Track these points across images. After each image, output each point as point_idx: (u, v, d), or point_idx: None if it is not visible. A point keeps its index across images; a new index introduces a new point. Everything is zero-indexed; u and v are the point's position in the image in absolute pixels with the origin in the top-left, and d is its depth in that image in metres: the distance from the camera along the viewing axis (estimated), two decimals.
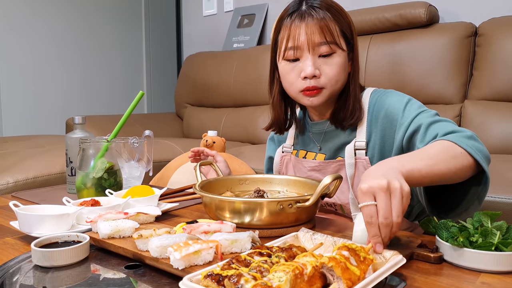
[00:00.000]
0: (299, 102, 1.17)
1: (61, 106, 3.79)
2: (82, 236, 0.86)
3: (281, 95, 1.22)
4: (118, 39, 4.19)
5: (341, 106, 1.16)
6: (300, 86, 1.12)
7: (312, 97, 1.12)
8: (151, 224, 1.00)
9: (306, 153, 1.27)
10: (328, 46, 1.08)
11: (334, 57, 1.10)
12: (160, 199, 1.25)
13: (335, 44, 1.09)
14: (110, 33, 4.13)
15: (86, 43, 3.96)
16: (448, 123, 0.99)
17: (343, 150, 1.17)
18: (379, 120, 1.12)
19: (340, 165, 1.17)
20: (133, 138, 1.42)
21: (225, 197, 0.97)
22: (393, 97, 1.13)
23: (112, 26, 4.14)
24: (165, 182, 1.85)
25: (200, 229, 0.84)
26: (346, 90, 1.15)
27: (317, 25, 1.07)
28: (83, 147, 1.24)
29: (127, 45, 4.28)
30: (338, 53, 1.10)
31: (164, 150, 2.42)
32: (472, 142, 0.89)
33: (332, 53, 1.09)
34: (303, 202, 0.91)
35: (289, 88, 1.15)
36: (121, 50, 4.22)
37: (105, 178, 1.22)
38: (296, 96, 1.15)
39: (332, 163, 1.18)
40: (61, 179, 1.90)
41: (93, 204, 1.05)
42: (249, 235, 0.80)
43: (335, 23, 1.09)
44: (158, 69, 4.59)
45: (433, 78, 2.24)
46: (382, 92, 1.16)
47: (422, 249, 0.81)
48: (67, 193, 1.44)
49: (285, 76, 1.15)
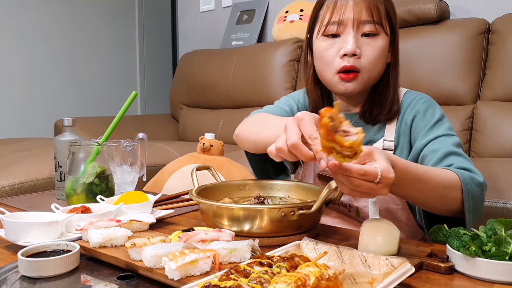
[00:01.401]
0: (332, 88, 1.16)
1: (49, 107, 3.79)
2: (71, 245, 0.86)
3: (315, 80, 1.21)
4: (109, 36, 4.20)
5: (378, 98, 1.16)
6: (337, 66, 1.11)
7: (348, 82, 1.11)
8: (145, 232, 1.00)
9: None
10: (373, 26, 1.09)
11: (378, 39, 1.11)
12: (154, 205, 1.25)
13: (380, 25, 1.10)
14: (102, 29, 4.13)
15: (76, 41, 3.96)
16: (466, 160, 1.02)
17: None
18: (408, 123, 1.14)
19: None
20: (125, 141, 1.42)
21: (223, 204, 0.97)
22: (429, 105, 1.14)
23: (104, 22, 4.15)
24: (160, 188, 1.85)
25: (197, 237, 0.84)
26: (384, 82, 1.16)
27: (365, 1, 1.09)
28: (72, 150, 1.24)
29: (119, 42, 4.28)
30: (382, 36, 1.11)
31: (158, 153, 2.42)
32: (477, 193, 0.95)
33: (376, 34, 1.10)
34: (306, 209, 0.91)
35: (325, 68, 1.14)
36: (113, 48, 4.23)
37: (96, 183, 1.22)
38: (330, 80, 1.13)
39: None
40: (50, 184, 1.91)
41: (83, 211, 1.05)
42: (248, 244, 0.80)
43: (382, 5, 1.11)
44: (152, 68, 4.59)
45: (443, 78, 2.24)
46: (418, 95, 1.18)
47: (432, 259, 0.81)
48: (56, 199, 1.44)
49: (321, 54, 1.14)
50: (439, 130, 1.09)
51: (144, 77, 4.52)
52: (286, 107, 1.27)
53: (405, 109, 1.16)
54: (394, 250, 0.83)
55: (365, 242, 0.83)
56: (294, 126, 0.78)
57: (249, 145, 1.16)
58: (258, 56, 3.01)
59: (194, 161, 1.95)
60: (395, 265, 0.72)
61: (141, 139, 1.48)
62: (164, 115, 3.70)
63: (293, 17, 2.96)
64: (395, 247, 0.83)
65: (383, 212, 1.14)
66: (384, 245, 0.82)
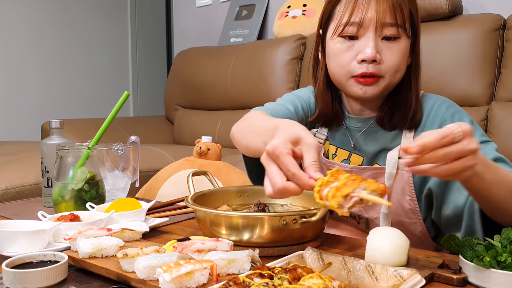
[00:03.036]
0: (347, 90, 1.12)
1: (35, 108, 3.80)
2: (59, 255, 0.86)
3: (326, 81, 1.18)
4: (100, 33, 4.21)
5: (399, 104, 1.12)
6: (354, 71, 1.07)
7: (367, 85, 1.07)
8: (138, 242, 1.00)
9: (337, 150, 1.22)
10: (395, 29, 1.05)
11: (399, 43, 1.07)
12: (147, 213, 1.25)
13: (403, 28, 1.06)
14: (92, 26, 4.14)
15: (65, 38, 3.97)
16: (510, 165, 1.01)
17: (382, 156, 1.14)
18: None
19: (376, 174, 1.14)
20: (117, 145, 1.42)
21: (221, 211, 0.97)
22: (454, 111, 1.11)
23: (94, 19, 4.15)
24: (154, 195, 1.85)
25: (193, 247, 0.84)
26: (406, 86, 1.12)
27: (390, 1, 1.04)
28: (60, 154, 1.24)
29: (110, 39, 4.29)
30: (403, 38, 1.07)
31: (152, 158, 2.42)
32: None
33: (397, 37, 1.06)
34: (309, 217, 0.91)
35: (339, 72, 1.10)
36: (103, 46, 4.24)
37: (85, 189, 1.23)
38: (345, 82, 1.10)
39: (368, 170, 1.15)
40: (36, 191, 1.91)
41: (72, 219, 1.06)
42: (248, 254, 0.81)
43: (406, 5, 1.06)
44: (146, 67, 4.60)
45: (455, 77, 2.25)
46: (438, 99, 1.15)
47: (443, 270, 0.81)
48: (43, 206, 1.44)
49: (336, 56, 1.10)
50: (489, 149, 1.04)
51: (137, 76, 4.52)
52: (291, 106, 1.24)
53: (427, 116, 1.12)
54: (403, 260, 0.83)
55: (372, 252, 0.83)
56: (272, 167, 0.77)
57: (241, 148, 1.15)
58: (258, 54, 3.02)
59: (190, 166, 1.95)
60: (405, 277, 0.72)
61: (134, 142, 1.49)
62: (158, 117, 3.70)
63: (296, 12, 2.97)
64: (404, 257, 0.83)
65: (395, 226, 1.13)
66: (393, 256, 0.82)
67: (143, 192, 1.94)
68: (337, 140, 1.22)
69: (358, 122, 1.18)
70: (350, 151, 1.20)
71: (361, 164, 1.18)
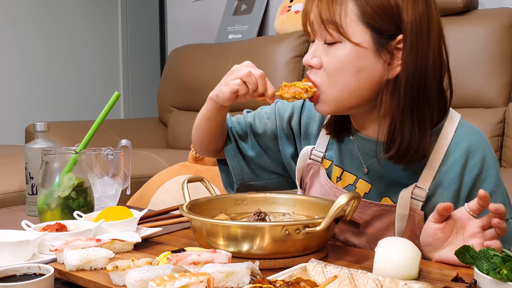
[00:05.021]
0: None
1: (19, 109, 3.80)
2: (45, 268, 0.86)
3: None
4: (88, 28, 4.21)
5: (394, 134, 1.01)
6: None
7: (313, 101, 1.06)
8: (129, 253, 1.00)
9: (342, 173, 1.16)
10: (328, 33, 0.99)
11: (337, 48, 0.99)
12: (139, 222, 1.25)
13: (337, 31, 0.98)
14: (79, 21, 4.15)
15: (50, 34, 3.97)
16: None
17: (395, 190, 1.07)
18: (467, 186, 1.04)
19: (384, 211, 1.09)
20: (107, 149, 1.42)
21: (218, 221, 0.97)
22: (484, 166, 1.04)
23: (81, 13, 4.16)
24: (146, 203, 1.85)
25: (189, 259, 0.85)
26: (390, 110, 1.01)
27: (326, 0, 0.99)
28: (46, 159, 1.24)
29: (99, 36, 4.30)
30: (345, 44, 0.99)
31: (144, 163, 2.42)
32: None
33: (335, 42, 1.00)
34: (313, 227, 0.91)
35: None
36: (92, 42, 4.24)
37: (73, 197, 1.23)
38: None
39: (375, 205, 1.09)
40: (20, 198, 1.91)
41: (58, 229, 1.06)
42: (247, 267, 0.81)
43: (355, 3, 0.97)
44: (138, 65, 4.60)
45: (470, 77, 2.25)
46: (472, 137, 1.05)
47: (457, 284, 0.81)
48: (27, 215, 1.44)
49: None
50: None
51: (128, 75, 4.53)
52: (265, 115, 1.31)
53: (458, 156, 1.03)
54: (414, 273, 0.83)
55: (381, 265, 0.83)
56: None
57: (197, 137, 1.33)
58: (259, 52, 3.02)
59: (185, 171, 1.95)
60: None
61: (125, 146, 1.49)
62: (151, 119, 3.71)
63: (299, 7, 2.98)
64: (415, 270, 0.83)
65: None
66: (403, 268, 0.82)
67: (135, 200, 1.94)
68: (345, 163, 1.16)
69: (369, 144, 1.11)
70: (359, 176, 1.13)
71: (368, 192, 1.12)
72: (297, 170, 1.24)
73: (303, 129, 1.25)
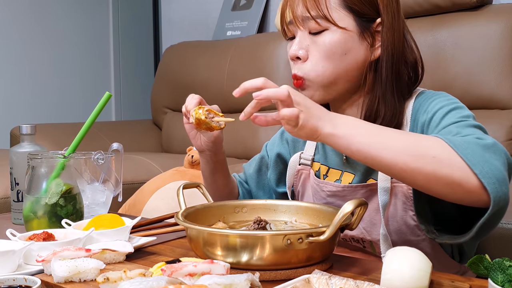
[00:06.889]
0: None
1: (4, 111, 3.80)
2: (31, 280, 0.86)
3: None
4: (76, 25, 4.21)
5: (370, 112, 1.14)
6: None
7: (301, 90, 1.13)
8: (121, 264, 1.00)
9: (328, 170, 1.26)
10: (315, 22, 1.10)
11: (325, 35, 1.11)
12: (132, 231, 1.25)
13: (323, 18, 1.09)
14: (66, 17, 4.15)
15: (35, 31, 3.97)
16: (475, 129, 0.98)
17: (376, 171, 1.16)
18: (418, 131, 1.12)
19: (372, 191, 1.16)
20: (97, 153, 1.43)
21: (216, 229, 0.97)
22: (439, 101, 1.11)
23: (69, 9, 4.16)
24: (139, 210, 1.85)
25: (184, 270, 0.85)
26: (374, 86, 1.14)
27: None
28: (32, 164, 1.24)
29: (89, 33, 4.30)
30: (332, 30, 1.10)
31: (137, 168, 2.42)
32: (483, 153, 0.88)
33: (322, 30, 1.11)
34: (317, 236, 0.91)
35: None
36: (81, 40, 4.24)
37: (61, 204, 1.23)
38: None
39: (361, 188, 1.17)
40: (5, 206, 1.91)
41: (45, 238, 1.06)
42: (247, 279, 0.81)
43: None
44: (130, 64, 4.61)
45: (483, 76, 2.25)
46: (428, 95, 1.15)
47: None
48: (12, 224, 1.44)
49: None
50: (450, 119, 1.04)
51: (119, 74, 4.53)
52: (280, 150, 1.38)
53: (414, 116, 1.14)
54: (424, 286, 0.83)
55: (389, 276, 0.83)
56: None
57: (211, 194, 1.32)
58: (259, 49, 3.02)
59: (180, 177, 1.95)
60: None
61: (116, 150, 1.49)
62: (144, 121, 3.71)
63: None
64: (425, 282, 0.83)
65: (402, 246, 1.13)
66: (413, 280, 0.82)
67: (127, 207, 1.94)
68: (330, 160, 1.26)
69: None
70: (342, 170, 1.23)
71: (351, 182, 1.21)
72: (287, 178, 1.32)
73: (291, 144, 1.37)
